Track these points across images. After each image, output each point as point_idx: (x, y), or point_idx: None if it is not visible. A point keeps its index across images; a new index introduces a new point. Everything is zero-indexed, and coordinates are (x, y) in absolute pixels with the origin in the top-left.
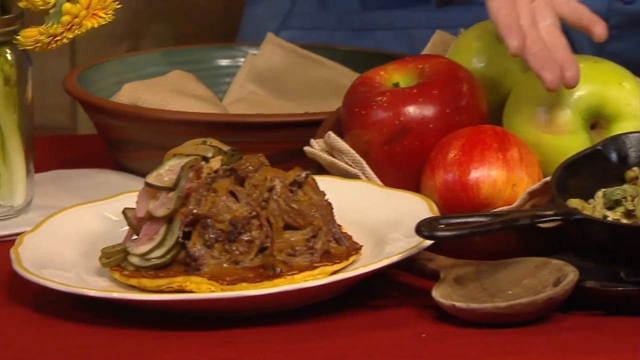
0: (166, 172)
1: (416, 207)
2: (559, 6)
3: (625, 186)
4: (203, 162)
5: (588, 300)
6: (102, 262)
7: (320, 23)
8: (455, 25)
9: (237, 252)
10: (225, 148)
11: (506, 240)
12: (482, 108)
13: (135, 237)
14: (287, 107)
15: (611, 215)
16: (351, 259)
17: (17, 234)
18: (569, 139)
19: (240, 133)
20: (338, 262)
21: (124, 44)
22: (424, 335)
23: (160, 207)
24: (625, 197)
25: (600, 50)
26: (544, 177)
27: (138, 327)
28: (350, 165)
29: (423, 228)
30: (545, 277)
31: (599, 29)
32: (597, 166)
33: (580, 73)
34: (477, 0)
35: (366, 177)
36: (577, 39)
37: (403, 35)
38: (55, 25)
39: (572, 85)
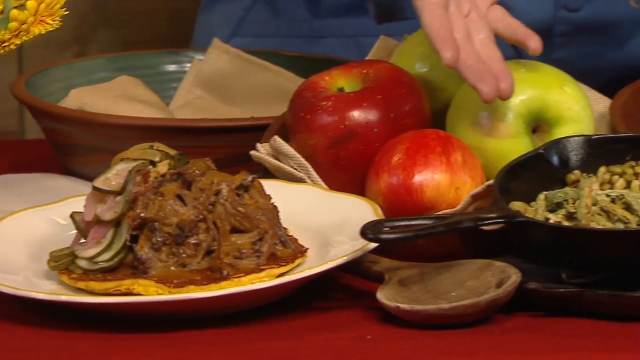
0: (114, 176)
1: (361, 210)
2: (494, 21)
3: (567, 189)
4: (150, 167)
5: (530, 302)
6: (50, 266)
7: (271, 31)
8: (402, 32)
9: (185, 255)
10: (172, 152)
11: (450, 243)
12: (425, 112)
13: (83, 240)
14: (233, 111)
15: (553, 218)
16: (297, 262)
17: None
18: (511, 143)
19: (186, 137)
20: (284, 265)
21: (71, 49)
22: (368, 337)
23: (107, 210)
24: (566, 200)
25: (547, 58)
26: (487, 181)
27: (86, 329)
28: (295, 169)
29: (368, 231)
30: (488, 279)
31: (534, 43)
32: (539, 169)
33: (514, 84)
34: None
35: (312, 180)
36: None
37: (352, 43)
38: (2, 32)
39: (506, 97)
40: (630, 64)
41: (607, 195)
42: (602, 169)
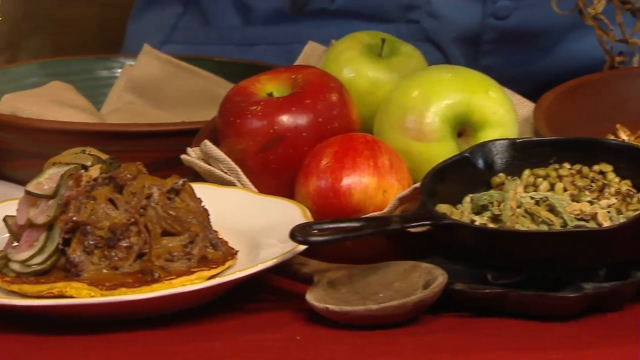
0: (46, 180)
1: (290, 213)
2: None
3: (492, 192)
4: (82, 171)
5: (456, 302)
6: None
7: (203, 38)
8: (330, 38)
9: (116, 258)
10: (104, 157)
11: (377, 245)
12: (353, 117)
13: (16, 244)
14: (164, 116)
15: (478, 220)
16: (227, 264)
17: None
18: (437, 146)
19: (118, 142)
20: (215, 267)
21: (2, 56)
22: (298, 338)
23: (40, 214)
24: (491, 202)
25: (475, 65)
26: (414, 184)
27: (19, 331)
28: (226, 173)
29: (297, 233)
30: (415, 280)
31: None
32: (465, 172)
33: None
34: (330, 7)
35: (241, 184)
36: (452, 53)
37: (283, 50)
38: None
39: None
40: (556, 71)
41: (532, 198)
42: (527, 172)
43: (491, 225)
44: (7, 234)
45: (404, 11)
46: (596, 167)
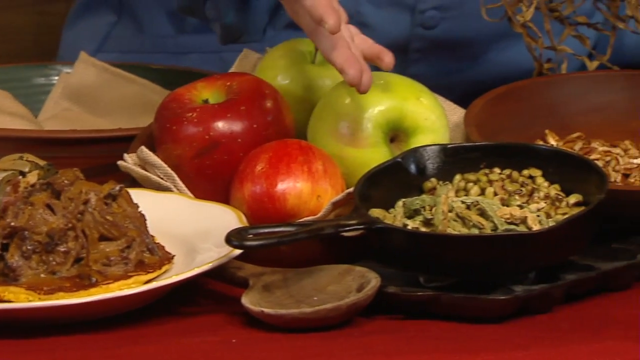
0: None
1: (226, 218)
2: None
3: (424, 196)
4: (20, 177)
5: (390, 305)
6: None
7: (136, 46)
8: (264, 46)
9: (54, 263)
10: (42, 163)
11: (312, 249)
12: (287, 123)
13: None
14: (101, 123)
15: (411, 224)
16: (164, 268)
17: None
18: (370, 152)
19: (55, 148)
20: (151, 272)
21: None
22: (234, 341)
23: None
24: (424, 207)
25: (403, 73)
26: (347, 189)
27: None
28: (162, 179)
29: (232, 238)
30: (349, 284)
31: (387, 58)
32: (397, 177)
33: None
34: (262, 39)
35: (178, 189)
36: None
37: (215, 58)
38: None
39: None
40: (484, 79)
41: (463, 202)
42: (458, 177)
43: (423, 229)
44: None
45: None
46: (526, 172)
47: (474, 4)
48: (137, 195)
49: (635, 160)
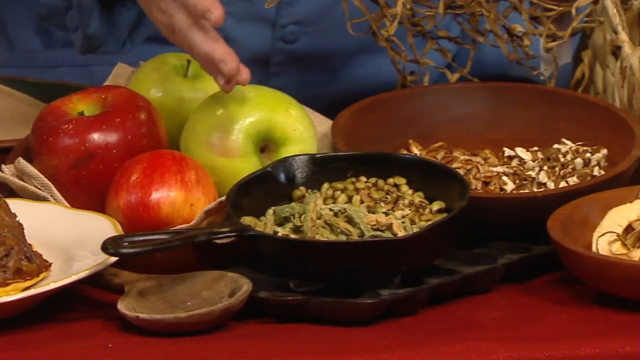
0: None
1: (102, 226)
2: None
3: (293, 204)
4: None
5: (261, 309)
6: None
7: (6, 61)
8: (134, 62)
9: None
10: None
11: (186, 256)
12: (161, 134)
13: None
14: None
15: (281, 231)
16: (42, 276)
17: None
18: (241, 162)
19: None
20: (29, 279)
21: None
22: (110, 345)
23: None
24: (293, 214)
25: (265, 85)
26: (220, 197)
27: None
28: (39, 189)
29: (108, 246)
30: (221, 289)
31: (244, 74)
32: (268, 186)
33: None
34: (120, 52)
35: (54, 199)
36: None
37: (84, 72)
38: None
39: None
40: (345, 92)
41: (331, 210)
42: (326, 185)
43: (293, 236)
44: None
45: None
46: (391, 180)
47: (333, 19)
48: (15, 205)
49: (495, 169)
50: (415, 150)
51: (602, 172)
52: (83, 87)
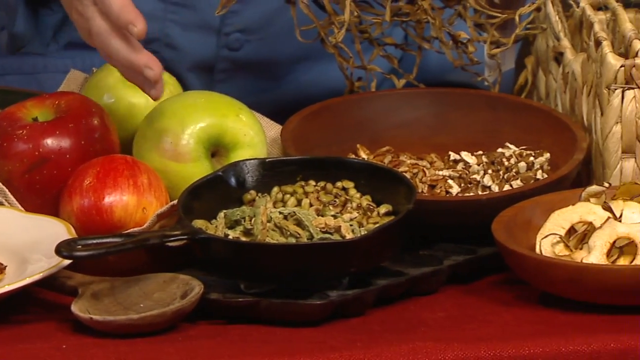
0: None
1: (55, 230)
2: None
3: (244, 207)
4: None
5: (212, 311)
6: None
7: None
8: (90, 67)
9: None
10: None
11: (138, 258)
12: (114, 139)
13: None
14: None
15: (232, 234)
16: None
17: None
18: (192, 166)
19: None
20: None
21: None
22: (64, 347)
23: None
24: (244, 218)
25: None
26: (171, 201)
27: None
28: None
29: (62, 249)
30: (173, 291)
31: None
32: (219, 190)
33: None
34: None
35: (9, 203)
36: (189, 82)
37: (32, 79)
38: None
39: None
40: (289, 99)
41: (280, 213)
42: (275, 189)
43: (243, 239)
44: None
45: (145, 43)
46: (339, 184)
47: (277, 28)
48: None
49: (440, 172)
50: (363, 155)
51: (545, 176)
52: (36, 94)
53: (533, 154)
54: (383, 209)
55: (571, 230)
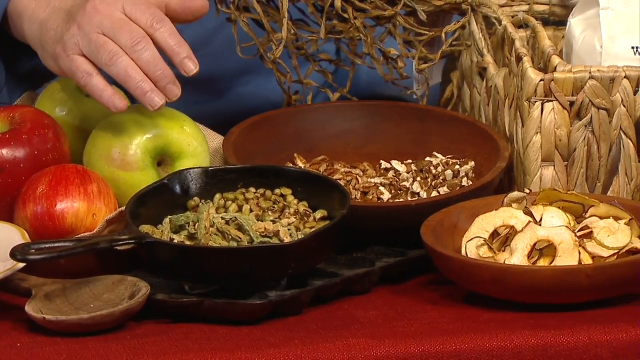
0: None
1: (10, 235)
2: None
3: (188, 213)
4: None
5: (158, 311)
6: None
7: None
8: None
9: None
10: None
11: (89, 262)
12: (66, 150)
13: None
14: None
15: (177, 238)
16: None
17: None
18: (139, 175)
19: None
20: None
21: None
22: (19, 345)
23: None
24: (188, 223)
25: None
26: (120, 208)
27: None
28: None
29: (17, 253)
30: (122, 292)
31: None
32: (164, 197)
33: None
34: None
35: None
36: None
37: None
38: None
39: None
40: (231, 110)
41: (223, 218)
42: (218, 196)
43: (188, 243)
44: None
45: None
46: (278, 191)
47: (217, 45)
48: None
49: (372, 180)
50: (300, 164)
51: (470, 183)
52: None
53: (459, 163)
54: (319, 214)
55: (494, 234)
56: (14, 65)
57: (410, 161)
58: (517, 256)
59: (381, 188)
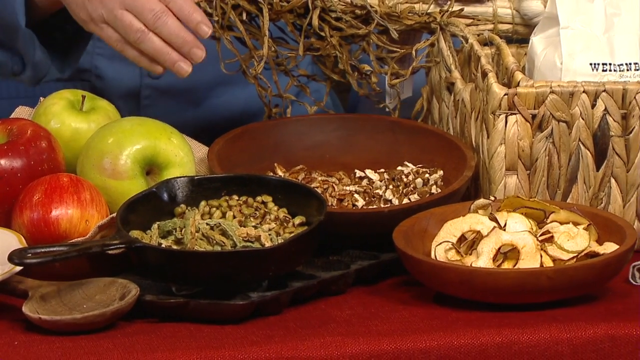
0: None
1: (8, 240)
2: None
3: (175, 220)
4: None
5: (148, 310)
6: None
7: None
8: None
9: None
10: None
11: (82, 265)
12: (60, 160)
13: None
14: None
15: (164, 243)
16: None
17: None
18: (129, 183)
19: None
20: None
21: None
22: (16, 343)
23: None
24: (175, 229)
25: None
26: (111, 214)
27: None
28: None
29: (14, 257)
30: (113, 293)
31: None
32: (153, 204)
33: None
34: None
35: None
36: (119, 108)
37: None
38: None
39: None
40: (209, 119)
41: (207, 224)
42: (203, 203)
43: (175, 247)
44: None
45: (77, 72)
46: (259, 198)
47: None
48: None
49: (347, 188)
50: (280, 172)
51: (439, 190)
52: None
53: (428, 172)
54: (297, 220)
55: (462, 238)
56: (53, 44)
57: (382, 170)
58: (482, 259)
59: (356, 195)
